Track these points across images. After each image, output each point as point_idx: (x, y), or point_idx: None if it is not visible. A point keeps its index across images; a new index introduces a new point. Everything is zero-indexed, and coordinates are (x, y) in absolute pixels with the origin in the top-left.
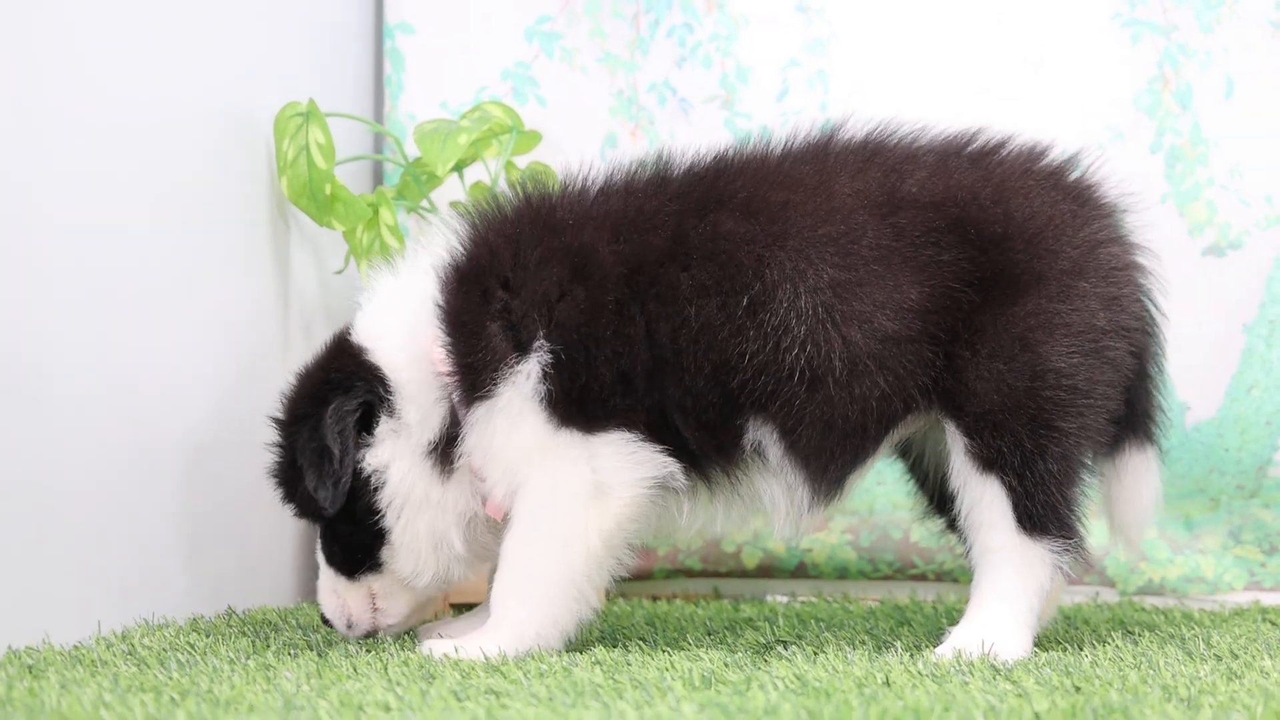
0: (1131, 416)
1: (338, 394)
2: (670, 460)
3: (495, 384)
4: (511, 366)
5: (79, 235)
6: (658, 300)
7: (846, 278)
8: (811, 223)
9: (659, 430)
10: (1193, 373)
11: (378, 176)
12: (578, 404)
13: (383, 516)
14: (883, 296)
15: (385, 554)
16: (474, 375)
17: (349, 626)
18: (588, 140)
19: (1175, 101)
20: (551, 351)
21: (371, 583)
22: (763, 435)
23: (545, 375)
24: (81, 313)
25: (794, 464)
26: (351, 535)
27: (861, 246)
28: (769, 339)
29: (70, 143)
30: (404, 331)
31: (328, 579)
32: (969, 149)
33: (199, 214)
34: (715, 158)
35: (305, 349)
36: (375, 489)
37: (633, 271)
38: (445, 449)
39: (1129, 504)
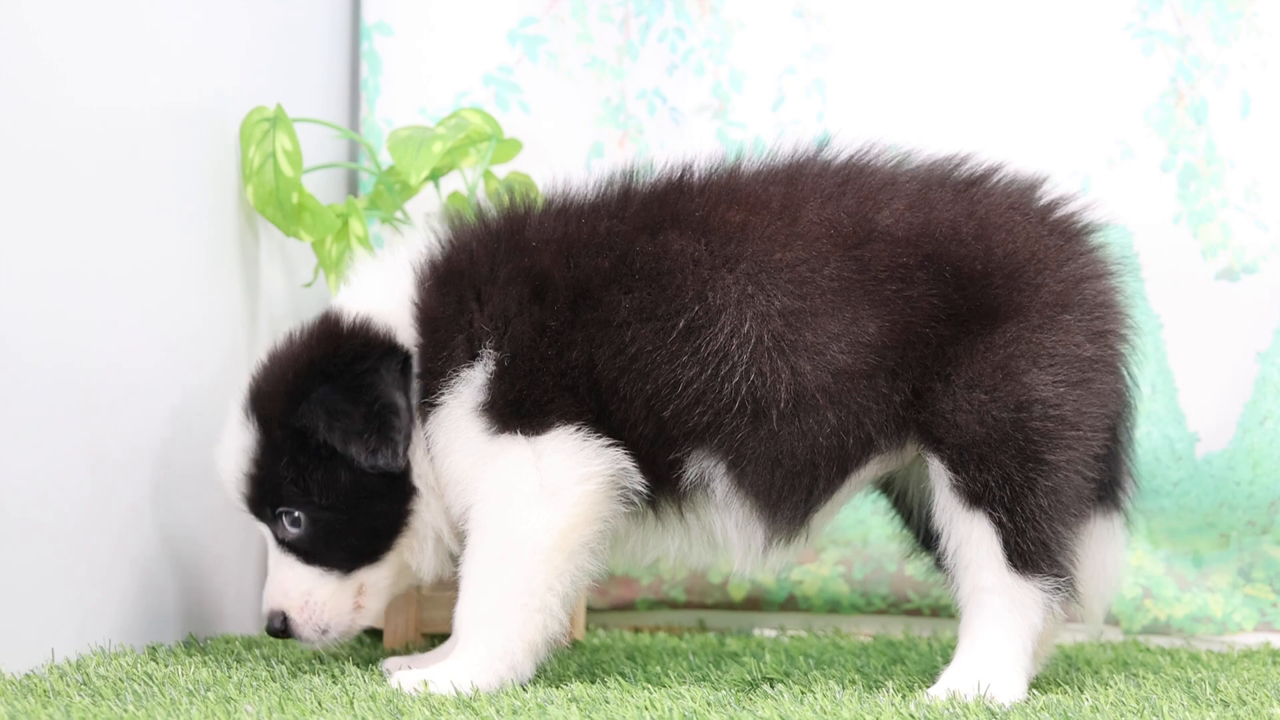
0: (1099, 482)
1: (375, 352)
2: (623, 456)
3: (442, 392)
4: (459, 374)
5: (37, 242)
6: (598, 325)
7: (800, 306)
8: (768, 247)
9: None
10: (1203, 402)
11: (354, 185)
12: (515, 408)
13: (412, 497)
14: (838, 328)
15: (402, 541)
16: (432, 380)
17: (322, 633)
18: (573, 149)
19: (1189, 117)
20: (496, 362)
21: (366, 577)
22: (708, 469)
23: (486, 385)
24: (37, 324)
25: (743, 500)
26: (369, 520)
27: (820, 276)
28: (706, 365)
29: (29, 146)
30: (394, 311)
31: (304, 581)
32: (954, 178)
33: (163, 222)
34: (681, 172)
35: None
36: (409, 466)
37: (579, 295)
38: None
39: (1092, 573)
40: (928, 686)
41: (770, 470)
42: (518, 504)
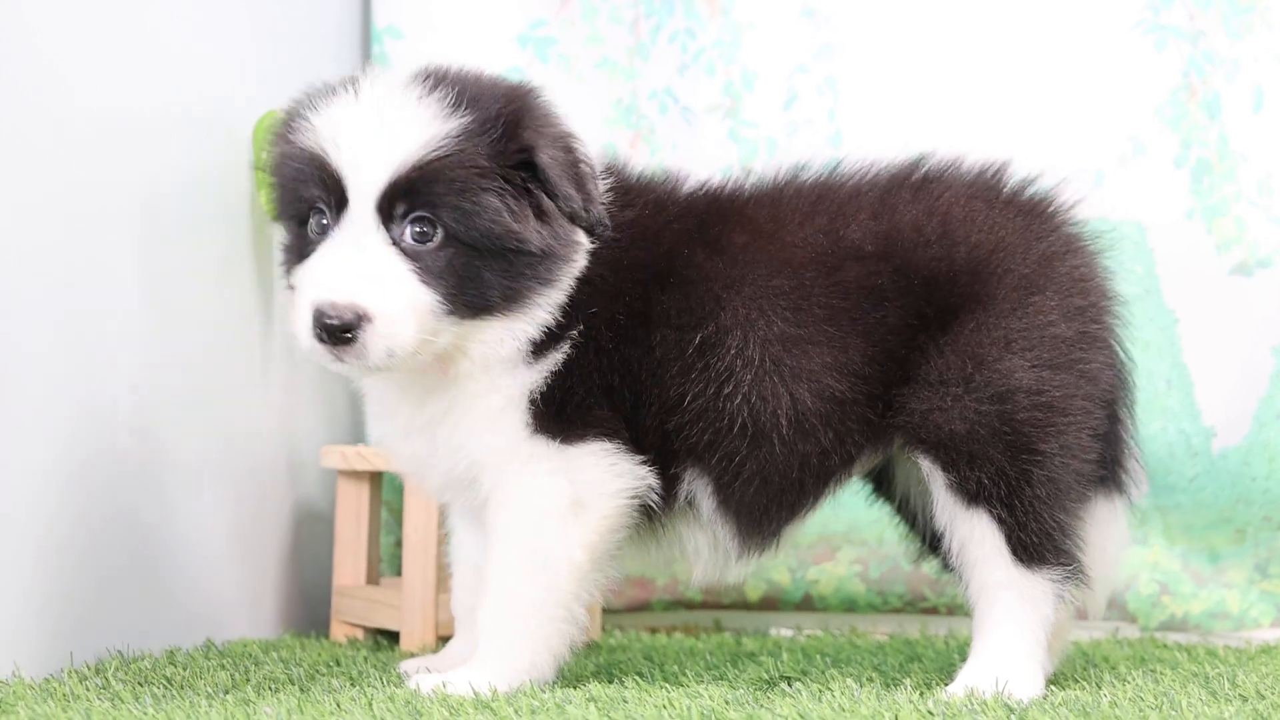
0: (1099, 463)
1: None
2: (649, 473)
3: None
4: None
5: (48, 247)
6: (635, 320)
7: (798, 333)
8: (766, 272)
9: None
10: (1219, 397)
11: None
12: (558, 410)
13: (551, 285)
14: (830, 358)
15: (536, 299)
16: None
17: (388, 356)
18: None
19: (1202, 112)
20: (567, 354)
21: (474, 329)
22: (697, 488)
23: (549, 375)
24: (52, 328)
25: (725, 518)
26: (511, 270)
27: (812, 303)
28: (711, 383)
29: (40, 152)
30: None
31: (417, 297)
32: (912, 178)
33: (176, 226)
34: (712, 187)
35: (287, 369)
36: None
37: (628, 289)
38: None
39: (1092, 558)
40: (945, 684)
41: (760, 489)
42: (550, 521)
